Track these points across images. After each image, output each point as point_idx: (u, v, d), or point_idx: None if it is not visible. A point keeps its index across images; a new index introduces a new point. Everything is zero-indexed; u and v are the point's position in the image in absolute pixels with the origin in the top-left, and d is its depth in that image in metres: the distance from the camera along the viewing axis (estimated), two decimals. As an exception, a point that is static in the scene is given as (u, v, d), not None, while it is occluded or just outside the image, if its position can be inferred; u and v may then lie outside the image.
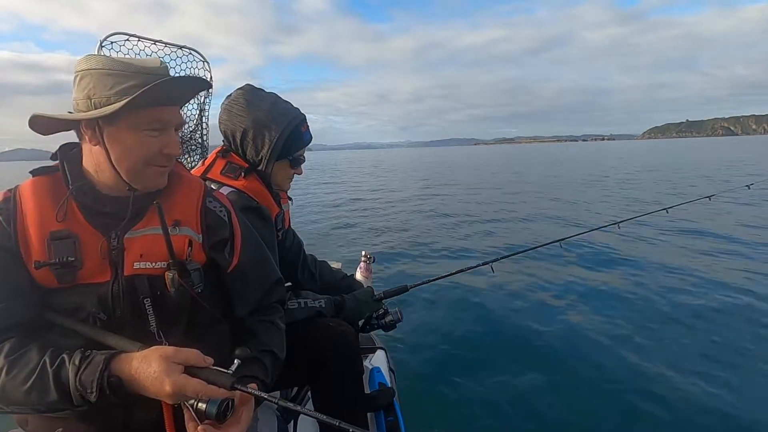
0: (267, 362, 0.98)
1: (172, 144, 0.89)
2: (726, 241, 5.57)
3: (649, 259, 4.93)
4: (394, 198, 12.73)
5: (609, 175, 17.08)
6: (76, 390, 0.74)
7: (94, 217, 0.88)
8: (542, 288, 4.21)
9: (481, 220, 8.21)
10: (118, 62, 0.84)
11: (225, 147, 1.40)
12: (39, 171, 0.91)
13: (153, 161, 0.88)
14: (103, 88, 0.83)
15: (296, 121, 1.38)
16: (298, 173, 1.49)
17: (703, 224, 6.50)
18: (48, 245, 0.83)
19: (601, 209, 8.77)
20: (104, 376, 0.74)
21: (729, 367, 2.62)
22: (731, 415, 2.19)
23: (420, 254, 5.88)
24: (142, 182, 0.90)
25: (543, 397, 2.45)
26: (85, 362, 0.76)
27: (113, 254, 0.86)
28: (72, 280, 0.84)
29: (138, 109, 0.83)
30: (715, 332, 3.07)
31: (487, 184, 15.92)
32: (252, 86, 1.42)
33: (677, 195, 9.91)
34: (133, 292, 0.86)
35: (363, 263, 2.03)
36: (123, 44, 1.78)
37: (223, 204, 1.04)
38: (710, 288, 3.95)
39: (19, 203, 0.85)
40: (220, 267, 0.98)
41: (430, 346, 3.13)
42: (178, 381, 0.74)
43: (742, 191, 4.25)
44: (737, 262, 4.67)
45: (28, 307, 0.82)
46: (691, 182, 13.25)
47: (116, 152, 0.86)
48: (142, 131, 0.86)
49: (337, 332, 1.32)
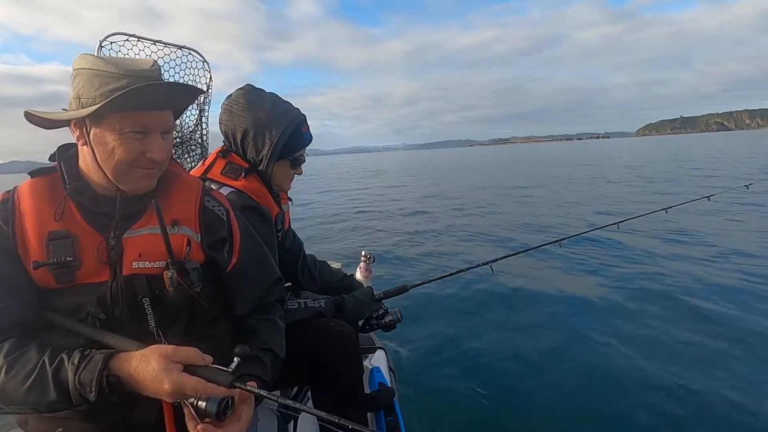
0: (267, 360, 0.98)
1: (154, 148, 0.87)
2: (724, 241, 5.58)
3: (648, 259, 4.94)
4: (392, 199, 12.75)
5: (604, 173, 17.11)
6: (75, 389, 0.74)
7: (91, 216, 0.88)
8: (542, 288, 4.21)
9: (481, 221, 8.22)
10: (108, 63, 0.84)
11: (225, 147, 1.40)
12: (37, 172, 0.91)
13: (136, 164, 0.87)
14: (90, 89, 0.83)
15: (297, 122, 1.38)
16: (298, 173, 1.49)
17: (700, 225, 6.50)
18: (46, 245, 0.83)
19: (601, 207, 8.78)
20: (103, 375, 0.74)
21: (735, 365, 2.62)
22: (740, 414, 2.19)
23: (420, 254, 5.89)
24: (128, 184, 0.90)
25: (543, 397, 2.45)
26: (84, 361, 0.76)
27: (112, 254, 0.86)
28: (70, 280, 0.84)
29: (120, 112, 0.83)
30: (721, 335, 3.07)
31: (488, 184, 15.96)
32: (252, 86, 1.42)
33: (676, 194, 9.90)
34: (131, 292, 0.86)
35: (363, 263, 2.04)
36: (122, 44, 1.78)
37: (221, 203, 1.04)
38: (711, 289, 3.95)
39: (17, 204, 0.86)
40: (219, 266, 0.98)
41: (430, 345, 3.13)
42: (177, 379, 0.74)
43: (740, 191, 4.25)
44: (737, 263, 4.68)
45: (28, 307, 0.82)
46: (691, 179, 13.27)
47: (100, 153, 0.86)
48: (124, 133, 0.85)
49: (337, 332, 1.32)
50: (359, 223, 8.88)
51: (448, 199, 11.84)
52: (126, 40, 1.79)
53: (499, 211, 9.24)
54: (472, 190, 14.22)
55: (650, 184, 12.54)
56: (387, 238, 7.13)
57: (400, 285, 1.76)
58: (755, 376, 2.51)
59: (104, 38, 1.73)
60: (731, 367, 2.60)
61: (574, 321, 3.40)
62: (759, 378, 2.49)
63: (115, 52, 1.76)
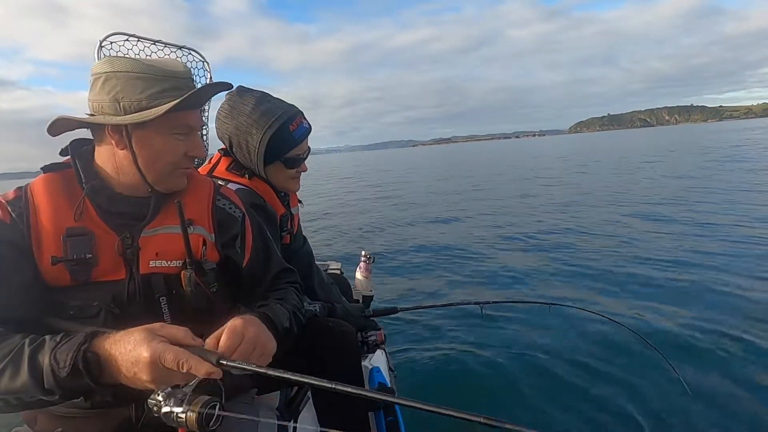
0: (275, 306, 0.97)
1: (197, 147, 0.91)
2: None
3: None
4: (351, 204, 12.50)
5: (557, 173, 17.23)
6: (49, 367, 0.67)
7: (107, 216, 0.88)
8: (539, 331, 4.20)
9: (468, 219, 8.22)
10: (147, 65, 0.85)
11: (226, 147, 1.40)
12: (50, 167, 0.91)
13: (179, 164, 0.90)
14: (133, 92, 0.82)
15: (279, 122, 1.30)
16: (302, 171, 1.44)
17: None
18: (64, 242, 0.83)
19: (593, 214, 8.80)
20: (81, 349, 0.67)
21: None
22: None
23: (414, 269, 5.41)
24: (167, 184, 0.91)
25: (543, 397, 2.45)
26: (66, 339, 0.70)
27: (128, 253, 0.86)
28: (86, 277, 0.84)
29: (171, 114, 0.83)
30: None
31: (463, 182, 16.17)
32: (241, 88, 1.36)
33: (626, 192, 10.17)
34: (148, 291, 0.87)
35: (363, 263, 2.04)
36: (122, 44, 1.78)
37: (232, 201, 1.05)
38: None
39: (31, 199, 0.85)
40: (233, 264, 0.99)
41: (430, 345, 3.13)
42: (158, 347, 0.67)
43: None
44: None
45: (27, 304, 0.81)
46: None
47: (145, 156, 0.87)
48: (170, 135, 0.87)
49: (337, 332, 1.33)
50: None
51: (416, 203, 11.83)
52: (126, 40, 1.79)
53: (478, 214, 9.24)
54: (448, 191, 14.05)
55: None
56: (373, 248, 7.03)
57: (390, 306, 1.85)
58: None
59: (104, 38, 1.73)
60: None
61: (576, 319, 3.39)
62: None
63: (115, 52, 1.75)
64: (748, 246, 4.85)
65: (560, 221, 7.27)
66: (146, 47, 1.87)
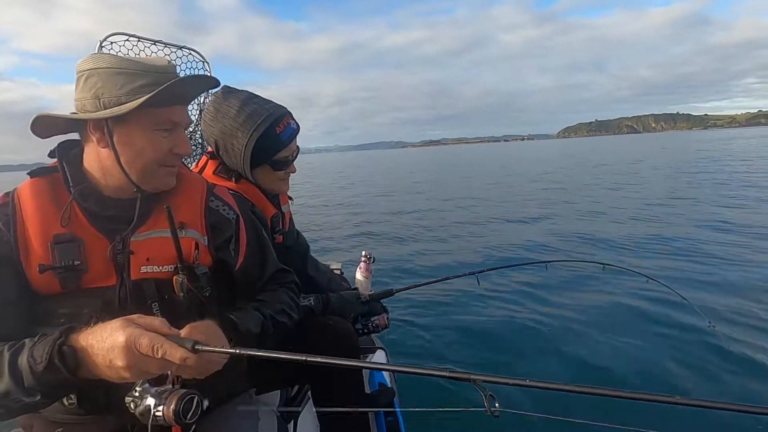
0: (252, 312, 0.96)
1: (182, 143, 0.88)
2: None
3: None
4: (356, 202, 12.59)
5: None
6: (27, 364, 0.67)
7: (96, 220, 0.86)
8: (533, 293, 4.19)
9: (468, 224, 8.21)
10: (128, 61, 0.82)
11: (213, 150, 1.39)
12: (37, 172, 0.88)
13: (164, 162, 0.87)
14: (113, 87, 0.80)
15: (266, 124, 1.26)
16: (291, 172, 1.41)
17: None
18: (51, 249, 0.80)
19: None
20: (56, 344, 0.67)
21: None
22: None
23: (408, 255, 5.76)
24: (152, 183, 0.88)
25: (543, 397, 2.44)
26: (44, 337, 0.70)
27: (119, 258, 0.84)
28: (77, 284, 0.81)
29: (150, 109, 0.81)
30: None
31: (458, 185, 16.18)
32: (227, 89, 1.33)
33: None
34: (140, 297, 0.85)
35: (363, 263, 2.03)
36: (122, 44, 1.78)
37: (226, 202, 1.03)
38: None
39: (18, 206, 0.82)
40: (227, 266, 0.97)
41: (429, 345, 3.13)
42: (133, 332, 0.66)
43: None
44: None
45: (14, 319, 0.78)
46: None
47: (127, 154, 0.84)
48: (153, 131, 0.84)
49: (336, 331, 1.32)
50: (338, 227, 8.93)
51: (422, 201, 11.83)
52: (126, 40, 1.79)
53: (482, 214, 9.23)
54: (446, 190, 14.16)
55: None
56: (371, 240, 7.05)
57: (386, 288, 1.80)
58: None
59: (104, 38, 1.73)
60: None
61: (574, 319, 3.39)
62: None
63: (116, 52, 1.75)
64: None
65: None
66: (146, 47, 1.87)
